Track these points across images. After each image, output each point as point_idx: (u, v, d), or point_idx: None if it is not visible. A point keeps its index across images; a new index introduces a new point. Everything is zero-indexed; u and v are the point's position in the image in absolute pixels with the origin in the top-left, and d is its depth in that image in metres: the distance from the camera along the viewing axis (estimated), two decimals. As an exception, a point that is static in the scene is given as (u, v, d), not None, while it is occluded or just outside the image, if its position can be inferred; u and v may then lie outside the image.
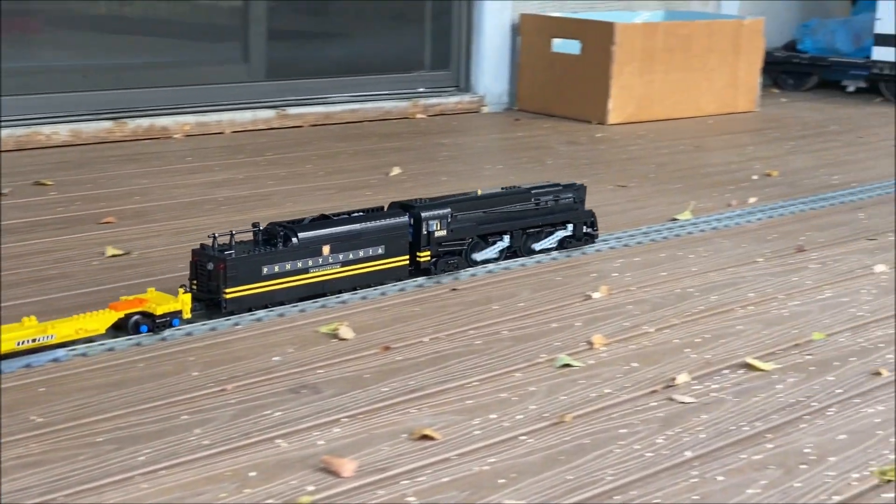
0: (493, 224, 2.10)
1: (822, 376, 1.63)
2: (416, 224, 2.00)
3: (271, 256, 1.82)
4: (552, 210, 2.19)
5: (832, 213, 2.64)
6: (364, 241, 1.93)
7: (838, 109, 4.23)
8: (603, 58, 3.70)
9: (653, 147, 3.37)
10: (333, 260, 1.89)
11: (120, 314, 1.68)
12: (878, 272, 2.16)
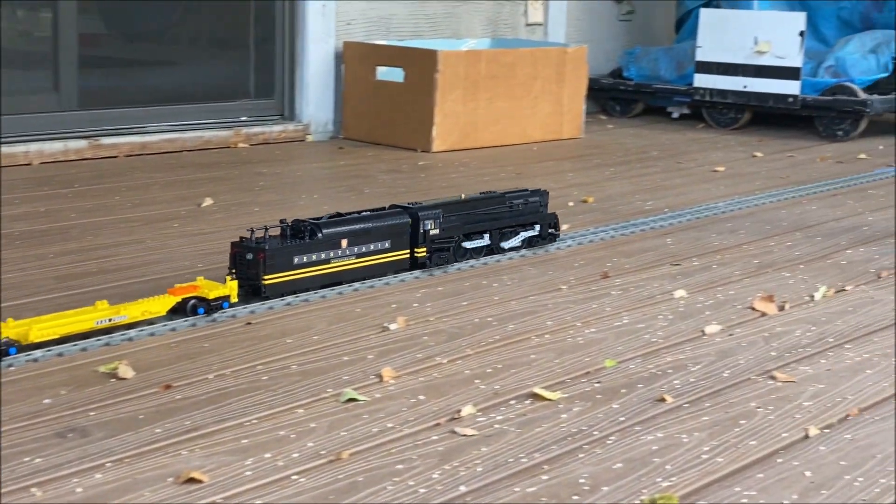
0: (475, 224, 2.39)
1: (607, 404, 1.63)
2: (414, 223, 2.28)
3: (301, 248, 2.09)
4: (522, 212, 2.48)
5: (641, 238, 2.67)
6: (374, 236, 2.21)
7: (661, 135, 4.31)
8: (426, 85, 3.70)
9: (474, 175, 3.38)
10: (349, 252, 2.17)
11: (178, 298, 1.92)
12: (677, 297, 2.19)
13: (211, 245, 2.43)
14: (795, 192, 3.26)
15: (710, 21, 4.43)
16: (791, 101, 4.28)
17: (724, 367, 1.81)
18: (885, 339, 1.98)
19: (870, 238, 2.74)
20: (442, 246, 2.33)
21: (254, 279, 2.03)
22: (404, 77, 3.76)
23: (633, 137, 4.25)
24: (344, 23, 3.93)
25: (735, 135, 4.36)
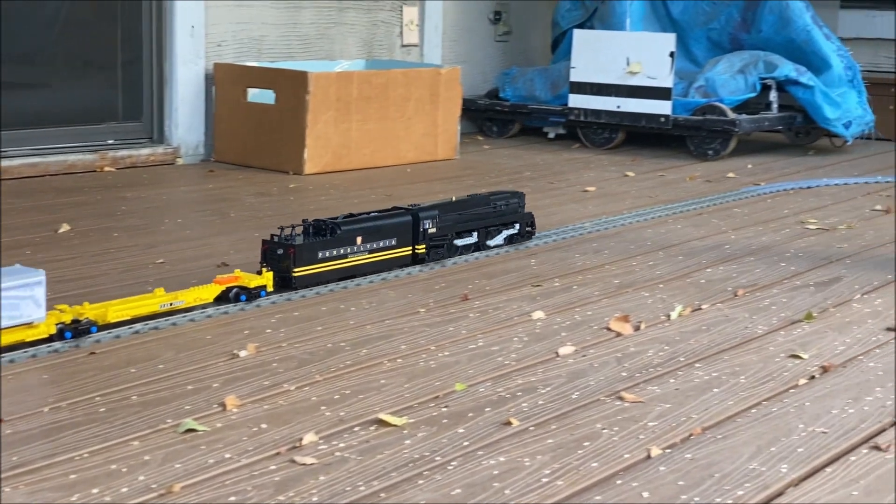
0: (465, 223, 2.66)
1: (453, 429, 1.62)
2: (415, 222, 2.53)
3: (325, 243, 2.34)
4: (504, 212, 2.76)
5: (505, 260, 2.67)
6: (383, 233, 2.46)
7: (536, 156, 4.33)
8: (297, 107, 3.67)
9: (344, 197, 3.35)
10: (363, 248, 2.42)
11: (222, 287, 2.17)
12: (535, 318, 2.19)
13: (61, 272, 2.37)
14: (663, 211, 3.29)
15: (584, 42, 4.47)
16: (663, 121, 4.33)
17: (573, 388, 1.81)
18: (736, 356, 2.00)
19: (730, 256, 2.77)
20: (438, 243, 2.59)
21: (285, 272, 2.28)
22: (275, 99, 3.73)
23: (508, 158, 4.27)
24: (214, 44, 3.88)
25: (609, 154, 4.40)
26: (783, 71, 4.35)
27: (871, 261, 2.77)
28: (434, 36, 4.66)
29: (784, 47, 4.49)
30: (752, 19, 4.57)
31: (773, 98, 4.41)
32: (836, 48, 4.49)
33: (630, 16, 4.57)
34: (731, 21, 4.62)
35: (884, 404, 1.78)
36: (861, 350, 2.06)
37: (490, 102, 4.75)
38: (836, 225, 3.18)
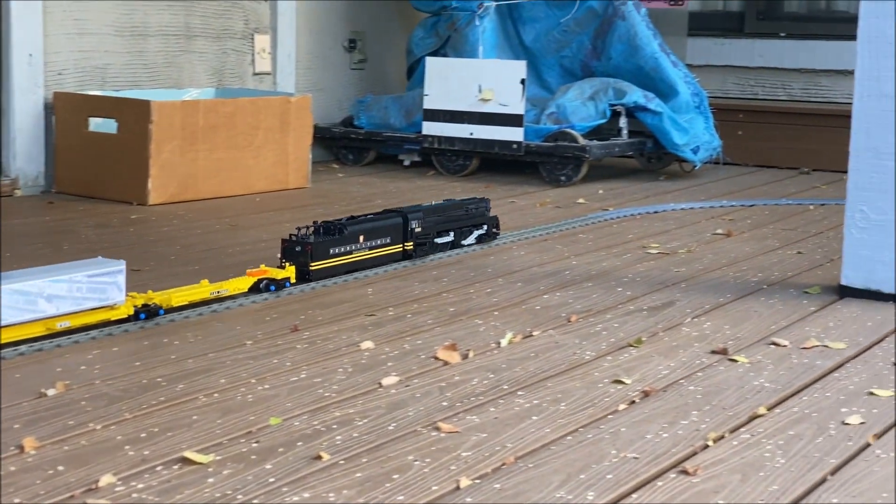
0: (444, 224, 3.04)
1: (260, 465, 1.58)
2: (405, 223, 2.91)
3: (335, 241, 2.69)
4: (474, 215, 3.15)
5: (342, 289, 2.64)
6: (380, 233, 2.83)
7: (390, 183, 4.32)
8: (140, 137, 3.60)
9: (187, 227, 3.29)
10: (364, 245, 2.79)
11: (254, 279, 2.52)
12: (363, 349, 2.17)
13: None
14: (508, 238, 3.30)
15: (436, 69, 4.48)
16: (515, 148, 4.36)
17: (391, 419, 1.79)
18: (560, 383, 2.00)
19: (569, 282, 2.79)
20: (422, 241, 2.96)
21: (303, 266, 2.63)
22: (117, 128, 3.65)
23: (361, 186, 4.25)
24: (55, 73, 3.79)
25: (463, 181, 4.41)
26: (632, 97, 4.42)
27: (706, 284, 2.81)
28: (287, 64, 4.63)
29: (633, 74, 4.56)
30: (602, 47, 4.63)
31: (623, 124, 4.47)
32: (684, 75, 4.57)
33: (483, 43, 4.59)
34: (582, 49, 4.68)
35: (698, 428, 1.80)
36: (684, 374, 2.08)
37: (345, 130, 4.73)
38: (676, 249, 3.22)
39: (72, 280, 2.15)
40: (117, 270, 2.22)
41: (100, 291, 2.19)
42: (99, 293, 2.19)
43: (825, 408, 1.92)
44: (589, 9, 4.62)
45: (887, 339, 2.36)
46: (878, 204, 2.67)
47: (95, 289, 2.18)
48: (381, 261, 2.84)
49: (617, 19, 4.57)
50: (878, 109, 2.66)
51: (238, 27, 4.43)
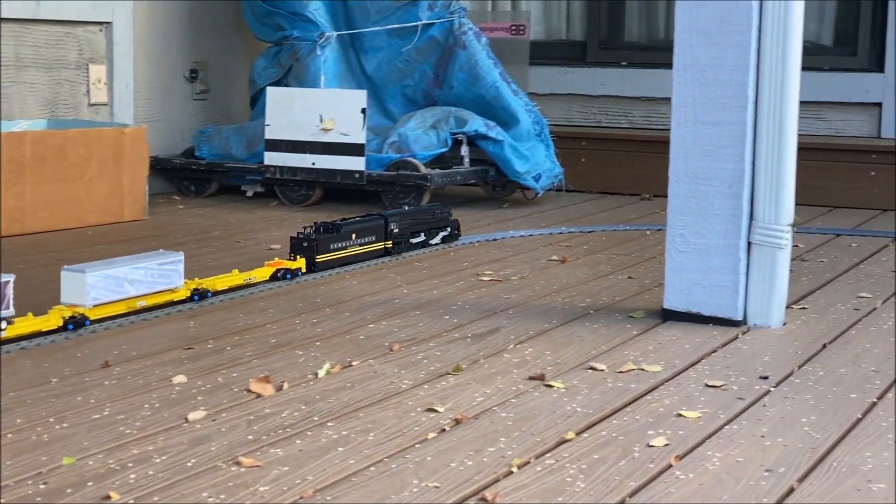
0: (417, 226, 3.53)
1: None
2: (386, 224, 3.41)
3: (334, 238, 3.20)
4: (440, 219, 3.65)
5: (163, 322, 2.59)
6: (367, 231, 3.33)
7: (231, 215, 4.26)
8: (-36, 170, 3.49)
9: (8, 264, 3.19)
10: (356, 242, 3.29)
11: (272, 269, 3.03)
12: (175, 383, 2.12)
13: None
14: (342, 268, 3.27)
15: (277, 99, 4.45)
16: (357, 177, 4.35)
17: (192, 455, 1.74)
18: (372, 413, 1.98)
19: (397, 311, 2.77)
20: (399, 240, 3.44)
21: (309, 259, 3.12)
22: (-60, 161, 3.54)
23: (200, 217, 4.18)
24: None
25: (306, 211, 4.37)
26: (473, 126, 4.44)
27: (534, 310, 2.82)
28: (125, 94, 4.54)
29: (475, 103, 4.59)
30: (444, 76, 4.65)
31: (465, 153, 4.50)
32: (525, 103, 4.61)
33: (325, 73, 4.57)
34: (424, 78, 4.69)
35: (504, 454, 1.79)
36: (498, 401, 2.08)
37: (186, 161, 4.66)
38: (509, 276, 3.24)
39: (147, 267, 2.62)
40: (178, 260, 2.70)
41: (165, 277, 2.67)
42: (165, 278, 2.67)
43: (632, 431, 1.94)
44: (430, 38, 4.64)
45: (703, 361, 2.40)
46: (697, 228, 2.72)
47: (163, 274, 2.66)
48: (369, 256, 3.34)
49: (458, 49, 4.60)
50: (693, 135, 2.71)
51: (72, 57, 4.33)
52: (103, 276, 2.50)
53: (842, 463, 1.80)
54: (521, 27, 5.15)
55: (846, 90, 5.05)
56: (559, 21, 5.70)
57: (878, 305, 2.94)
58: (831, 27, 5.23)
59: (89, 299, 2.47)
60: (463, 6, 4.67)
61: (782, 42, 2.63)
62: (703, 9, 2.67)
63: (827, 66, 5.09)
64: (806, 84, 5.13)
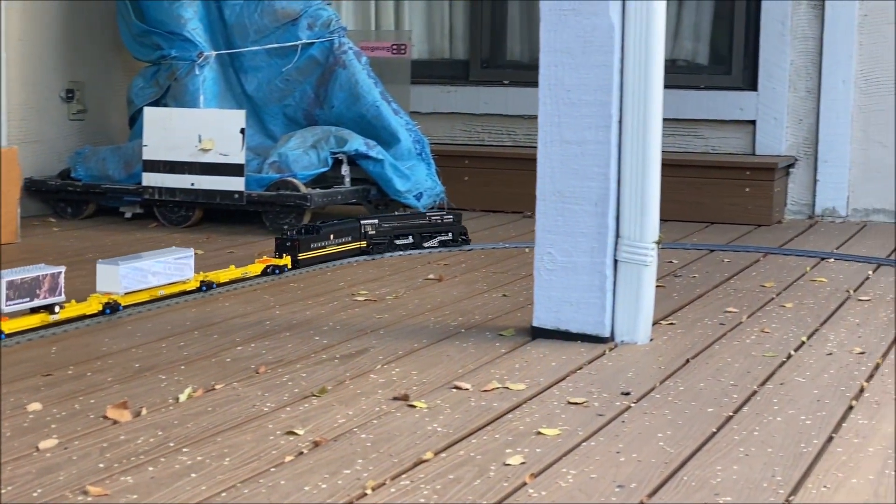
0: (403, 229, 3.89)
1: None
2: (360, 226, 3.79)
3: (313, 238, 3.59)
4: (438, 224, 3.97)
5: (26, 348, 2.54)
6: (343, 233, 3.71)
7: (108, 237, 4.20)
8: None
9: None
10: (335, 242, 3.67)
11: (263, 265, 3.43)
12: (29, 411, 2.07)
13: None
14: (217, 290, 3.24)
15: (155, 119, 4.40)
16: (237, 198, 4.31)
17: (39, 485, 1.71)
18: (230, 437, 1.96)
19: (267, 333, 2.76)
20: (379, 241, 3.81)
21: (293, 257, 3.52)
22: None
23: (76, 240, 4.11)
24: None
25: (185, 233, 4.33)
26: (353, 145, 4.44)
27: (406, 330, 2.83)
28: (-3, 115, 4.45)
29: (356, 122, 4.59)
30: (324, 95, 4.64)
31: (346, 172, 4.49)
32: (405, 122, 4.62)
33: (203, 93, 4.54)
34: (305, 97, 4.68)
35: (359, 476, 1.79)
36: (360, 422, 2.08)
37: (62, 183, 4.58)
38: (384, 296, 3.24)
39: (167, 261, 3.05)
40: (189, 255, 3.13)
41: (180, 270, 3.10)
42: (180, 271, 3.09)
43: (491, 450, 1.95)
44: (310, 58, 4.62)
45: (567, 378, 2.42)
46: (564, 246, 2.75)
47: (178, 268, 3.09)
48: (347, 254, 3.73)
49: (338, 68, 4.60)
50: (560, 154, 2.74)
51: (-59, 77, 4.24)
52: (132, 269, 2.95)
53: (692, 477, 1.84)
54: (403, 46, 5.16)
55: (722, 108, 5.15)
56: (442, 40, 5.73)
57: (744, 320, 2.99)
58: (707, 46, 5.34)
59: (122, 288, 2.91)
60: (343, 26, 4.67)
61: (644, 62, 2.67)
62: (566, 30, 2.70)
63: (703, 85, 5.20)
64: (683, 102, 5.32)
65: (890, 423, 2.13)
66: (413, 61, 5.41)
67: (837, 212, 5.01)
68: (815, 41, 5.01)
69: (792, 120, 5.07)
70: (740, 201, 4.85)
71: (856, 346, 2.71)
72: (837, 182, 5.01)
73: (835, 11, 4.96)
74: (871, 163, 4.98)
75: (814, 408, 2.22)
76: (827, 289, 3.43)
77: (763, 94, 5.08)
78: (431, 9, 5.74)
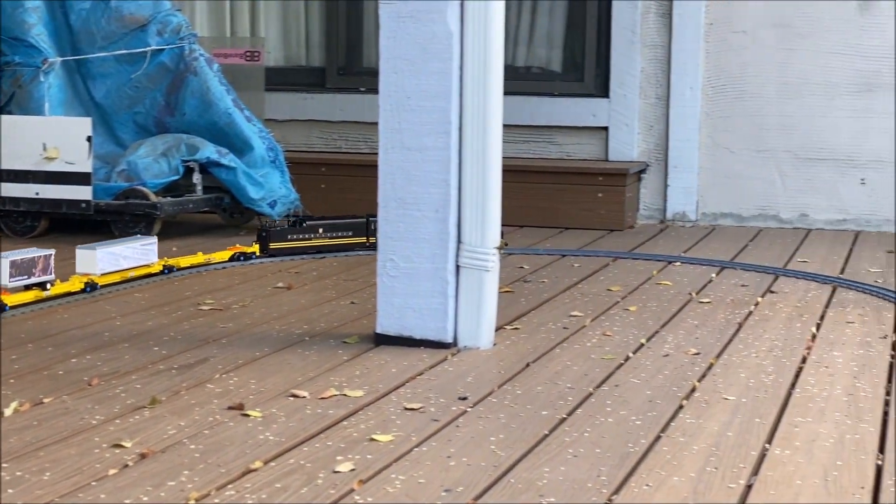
0: None
1: None
2: (367, 223, 4.03)
3: (292, 230, 3.95)
4: None
5: None
6: (339, 227, 4.03)
7: (-51, 248, 4.07)
8: None
9: None
10: (325, 235, 3.99)
11: (231, 252, 3.82)
12: None
13: None
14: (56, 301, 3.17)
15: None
16: (84, 207, 4.23)
17: None
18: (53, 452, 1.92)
19: (105, 344, 2.70)
20: None
21: (264, 246, 3.88)
22: None
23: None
24: None
25: (32, 242, 4.20)
26: (205, 153, 4.39)
27: (249, 339, 2.80)
28: None
29: (208, 130, 4.53)
30: (175, 103, 4.58)
31: (197, 180, 4.43)
32: (259, 130, 4.58)
33: (49, 100, 4.43)
34: (155, 105, 4.60)
35: (184, 488, 1.76)
36: (191, 433, 2.05)
37: None
38: (231, 304, 3.20)
39: (134, 247, 3.49)
40: (153, 243, 3.58)
41: (145, 255, 3.53)
42: (145, 256, 3.53)
43: (322, 457, 1.94)
44: (160, 64, 4.55)
45: (407, 384, 2.43)
46: (406, 253, 2.75)
47: (144, 253, 3.52)
48: (344, 248, 4.02)
49: (189, 75, 4.53)
50: (400, 161, 2.75)
51: None
52: (107, 253, 3.36)
53: (519, 479, 1.85)
54: (256, 53, 5.12)
55: (575, 115, 5.22)
56: (298, 48, 5.69)
57: (587, 323, 3.04)
58: (560, 54, 5.40)
59: (98, 269, 3.32)
60: (194, 32, 4.61)
61: (483, 69, 2.69)
62: (405, 37, 2.71)
63: (557, 92, 5.26)
64: (537, 109, 5.39)
65: (716, 422, 2.18)
66: (269, 68, 5.37)
67: (687, 216, 5.12)
68: (664, 49, 5.11)
69: (643, 126, 5.17)
70: (593, 207, 4.92)
71: (692, 348, 2.77)
72: (687, 187, 5.12)
73: (682, 20, 5.07)
74: (718, 168, 5.10)
75: (645, 408, 2.26)
76: (671, 292, 3.49)
77: (615, 101, 5.17)
78: (287, 16, 5.70)
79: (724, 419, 2.19)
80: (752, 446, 2.03)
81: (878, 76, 4.92)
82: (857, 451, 2.02)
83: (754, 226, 5.05)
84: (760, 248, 4.41)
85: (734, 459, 1.96)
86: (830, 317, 3.16)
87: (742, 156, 5.07)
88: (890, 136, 4.92)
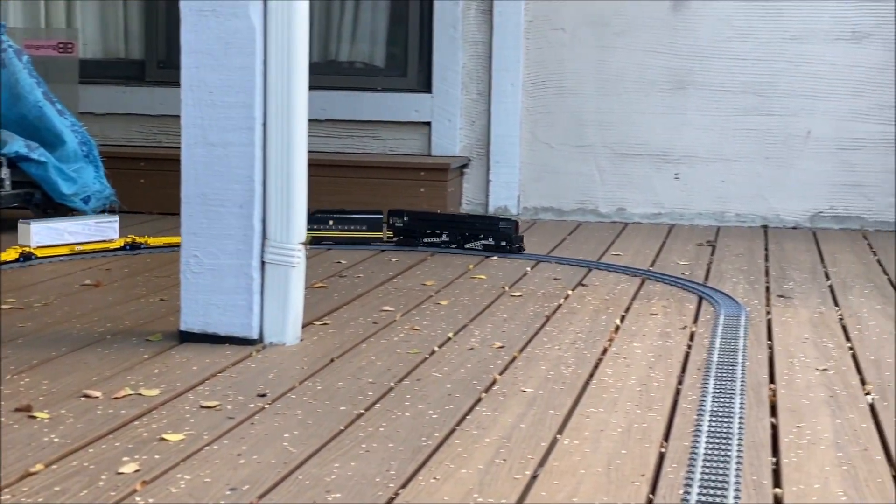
0: (434, 227, 4.12)
1: None
2: (388, 218, 4.18)
3: None
4: (477, 227, 4.09)
5: None
6: (353, 221, 4.11)
7: None
8: None
9: None
10: (335, 227, 4.08)
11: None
12: None
13: None
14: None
15: None
16: None
17: None
18: None
19: None
20: (410, 234, 4.11)
21: None
22: None
23: None
24: None
25: None
26: (13, 147, 4.25)
27: (47, 338, 2.73)
28: None
29: (17, 123, 4.40)
30: (-17, 95, 4.44)
31: (6, 175, 4.30)
32: (71, 124, 4.47)
33: None
34: (-38, 97, 4.46)
35: (-44, 494, 1.72)
36: (-28, 436, 1.99)
37: None
38: (33, 303, 3.12)
39: (85, 224, 3.88)
40: (115, 221, 3.97)
41: (102, 232, 3.88)
42: (101, 233, 3.87)
43: (107, 459, 1.90)
44: (-33, 56, 4.41)
45: (207, 382, 2.39)
46: (210, 249, 2.72)
47: (100, 230, 3.88)
48: (358, 241, 4.09)
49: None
50: (204, 157, 2.71)
51: None
52: (45, 227, 3.72)
53: (308, 476, 1.85)
54: (70, 45, 4.99)
55: (398, 110, 5.23)
56: (117, 40, 5.57)
57: (397, 318, 3.05)
58: (383, 49, 5.41)
59: (33, 242, 3.71)
60: (2, 23, 4.47)
61: (287, 65, 2.67)
62: (207, 31, 2.68)
63: (380, 87, 5.26)
64: (360, 104, 5.39)
65: (511, 414, 2.21)
66: (87, 61, 5.25)
67: (509, 211, 5.18)
68: (485, 45, 5.17)
69: (465, 121, 5.21)
70: (416, 201, 4.93)
71: (497, 341, 2.80)
72: (509, 182, 5.18)
73: (503, 17, 5.13)
74: (538, 163, 5.18)
75: (443, 402, 2.28)
76: (485, 286, 3.53)
77: (437, 97, 5.20)
78: (105, 8, 5.57)
79: (519, 411, 2.23)
80: (542, 437, 2.07)
81: (690, 74, 5.07)
82: (642, 439, 2.07)
83: (574, 220, 5.14)
84: (577, 242, 4.49)
85: (524, 451, 1.99)
86: (636, 308, 3.23)
87: (562, 151, 5.16)
88: (702, 133, 5.08)
